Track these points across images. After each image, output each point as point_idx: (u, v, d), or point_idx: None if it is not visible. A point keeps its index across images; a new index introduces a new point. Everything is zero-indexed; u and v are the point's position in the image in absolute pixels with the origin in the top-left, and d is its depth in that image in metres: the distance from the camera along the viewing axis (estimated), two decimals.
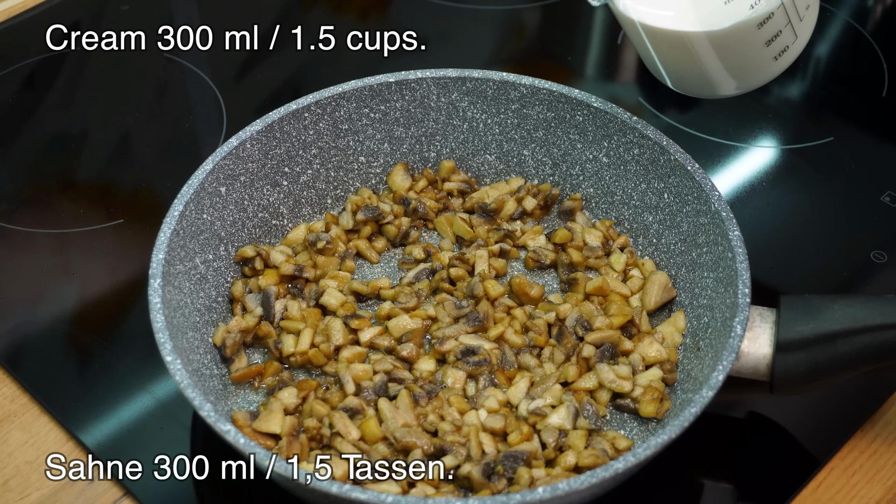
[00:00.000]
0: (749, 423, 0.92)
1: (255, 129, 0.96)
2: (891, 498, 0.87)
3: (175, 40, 1.22)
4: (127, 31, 1.21)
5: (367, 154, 1.04)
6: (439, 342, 0.91)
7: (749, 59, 0.90)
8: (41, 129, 1.18)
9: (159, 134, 1.17)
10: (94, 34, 1.21)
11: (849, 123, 1.19)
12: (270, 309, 0.93)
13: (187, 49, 1.21)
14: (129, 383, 0.93)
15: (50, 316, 0.99)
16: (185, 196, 0.90)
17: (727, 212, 0.90)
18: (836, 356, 0.83)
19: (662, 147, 0.95)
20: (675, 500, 0.87)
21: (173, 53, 1.23)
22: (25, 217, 1.07)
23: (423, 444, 0.83)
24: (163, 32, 1.22)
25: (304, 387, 0.88)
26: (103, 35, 1.21)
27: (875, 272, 1.03)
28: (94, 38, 1.21)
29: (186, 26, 1.23)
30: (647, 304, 0.95)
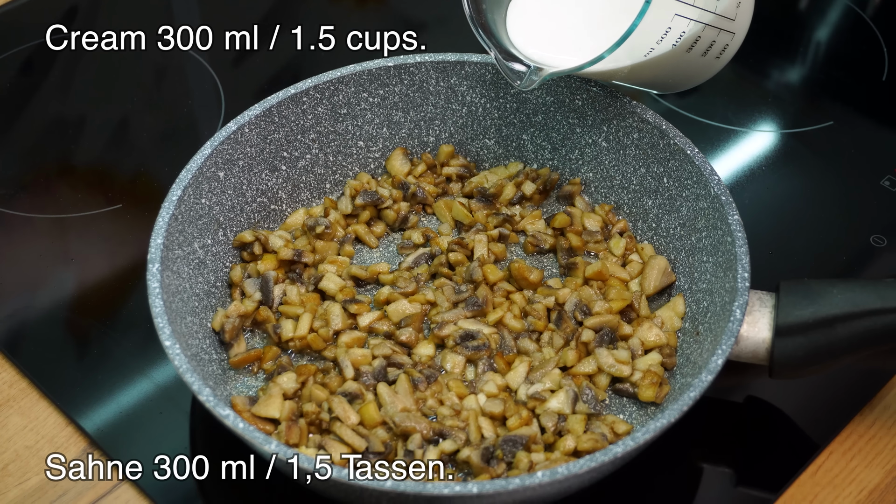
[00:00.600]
0: (748, 407, 0.92)
1: (254, 113, 0.96)
2: (890, 481, 0.87)
3: (175, 40, 1.21)
4: (127, 31, 1.21)
5: (365, 138, 1.04)
6: (438, 327, 0.91)
7: (688, 70, 0.92)
8: (39, 114, 1.18)
9: (158, 119, 1.17)
10: (94, 34, 1.21)
11: (848, 107, 1.19)
12: (269, 294, 0.93)
13: (187, 49, 1.21)
14: (128, 368, 0.93)
15: (49, 301, 0.99)
16: (183, 181, 0.90)
17: (726, 196, 0.89)
18: (835, 340, 0.83)
19: (662, 131, 0.95)
20: (675, 484, 0.87)
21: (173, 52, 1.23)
22: (24, 202, 1.07)
23: (423, 429, 0.83)
24: (163, 32, 1.22)
25: (303, 371, 0.88)
26: (103, 35, 1.21)
27: (875, 256, 1.03)
28: (94, 38, 1.21)
29: (186, 26, 1.22)
30: (647, 289, 0.95)
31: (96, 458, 0.87)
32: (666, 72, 0.92)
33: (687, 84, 0.97)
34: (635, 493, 0.86)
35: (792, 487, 0.87)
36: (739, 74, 1.23)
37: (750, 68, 1.23)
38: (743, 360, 0.85)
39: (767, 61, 1.24)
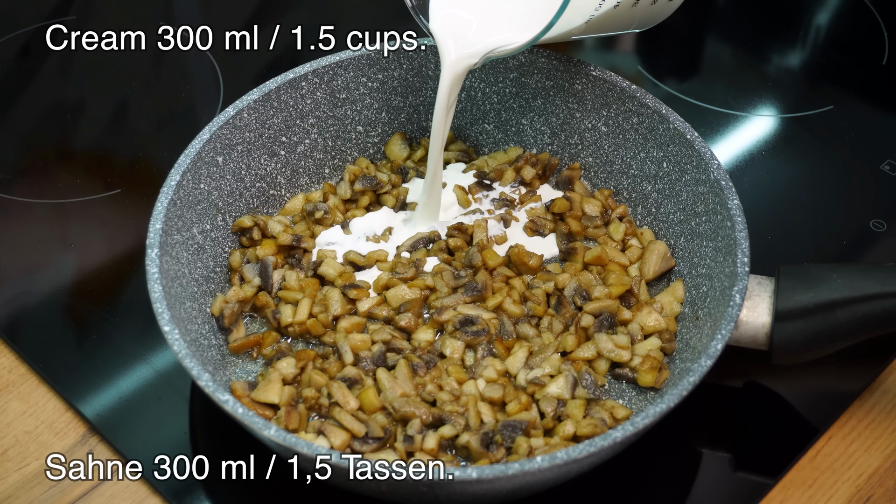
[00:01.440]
0: (747, 392, 0.92)
1: (252, 98, 0.96)
2: (888, 466, 0.87)
3: (175, 40, 1.21)
4: (127, 31, 1.20)
5: (364, 123, 1.03)
6: (437, 312, 0.91)
7: (646, 13, 0.92)
8: (38, 99, 1.17)
9: (156, 104, 1.17)
10: (95, 34, 1.20)
11: (849, 92, 1.18)
12: (268, 279, 0.93)
13: (187, 49, 1.21)
14: (128, 353, 0.93)
15: (48, 286, 0.99)
16: (182, 166, 0.90)
17: (726, 181, 0.89)
18: (834, 325, 0.83)
19: (661, 115, 0.95)
20: (674, 469, 0.87)
21: (169, 22, 1.22)
22: (22, 187, 1.07)
23: (422, 414, 0.83)
24: (163, 32, 1.21)
25: (302, 357, 0.88)
26: (103, 35, 1.20)
27: (874, 241, 1.03)
28: (95, 38, 1.21)
29: (186, 26, 1.22)
30: (646, 274, 0.95)
31: (95, 446, 0.88)
32: (620, 20, 0.92)
33: (650, 23, 0.96)
34: (635, 477, 0.86)
35: (791, 472, 0.87)
36: (739, 59, 1.23)
37: (750, 52, 1.23)
38: (742, 344, 0.85)
39: (767, 45, 1.24)
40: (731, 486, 0.87)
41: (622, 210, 1.00)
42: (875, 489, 0.86)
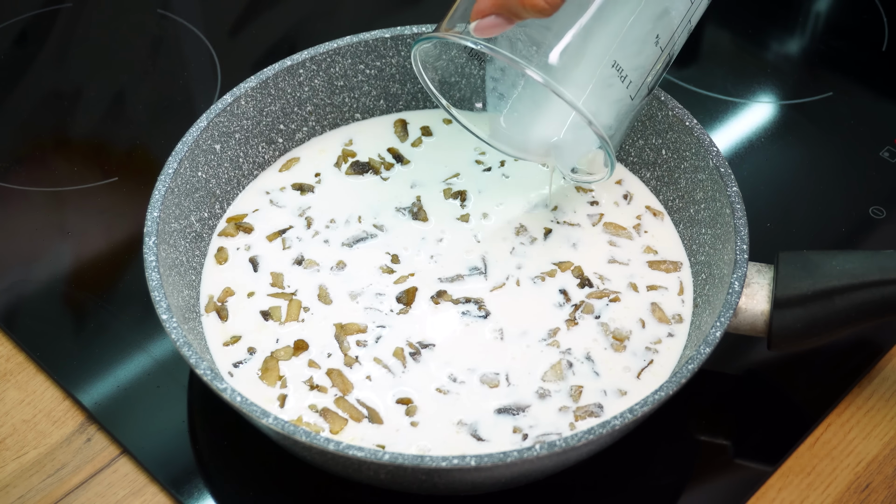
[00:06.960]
0: (746, 379, 0.92)
1: (250, 85, 0.95)
2: (888, 453, 0.87)
3: (173, 27, 1.21)
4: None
5: (362, 111, 1.03)
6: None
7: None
8: (34, 87, 1.17)
9: (153, 91, 1.17)
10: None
11: (848, 78, 1.18)
12: None
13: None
14: (126, 342, 0.93)
15: (45, 275, 0.99)
16: (179, 153, 0.90)
17: (725, 168, 0.89)
18: (834, 312, 0.82)
19: (660, 102, 0.94)
20: (672, 456, 0.87)
21: (169, 23, 1.22)
22: (19, 175, 1.07)
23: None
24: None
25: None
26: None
27: (874, 228, 1.03)
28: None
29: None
30: None
31: (93, 434, 0.88)
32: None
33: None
34: (633, 465, 0.86)
35: (790, 459, 0.87)
36: (738, 45, 1.23)
37: (749, 39, 1.23)
38: (741, 332, 0.85)
39: (766, 31, 1.23)
40: (729, 473, 0.87)
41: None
42: (874, 476, 0.86)
